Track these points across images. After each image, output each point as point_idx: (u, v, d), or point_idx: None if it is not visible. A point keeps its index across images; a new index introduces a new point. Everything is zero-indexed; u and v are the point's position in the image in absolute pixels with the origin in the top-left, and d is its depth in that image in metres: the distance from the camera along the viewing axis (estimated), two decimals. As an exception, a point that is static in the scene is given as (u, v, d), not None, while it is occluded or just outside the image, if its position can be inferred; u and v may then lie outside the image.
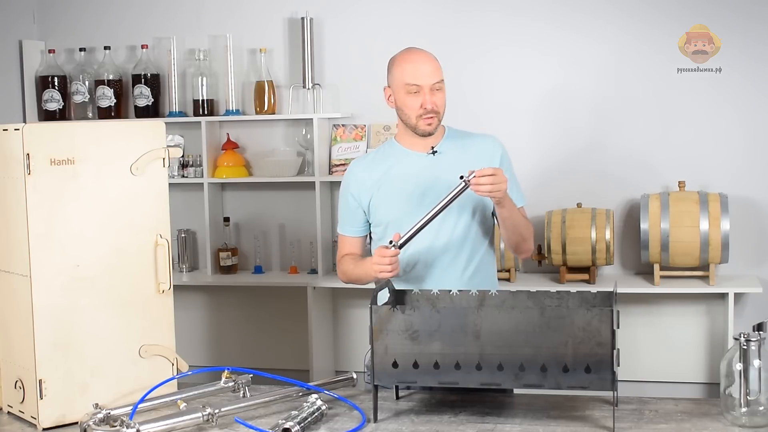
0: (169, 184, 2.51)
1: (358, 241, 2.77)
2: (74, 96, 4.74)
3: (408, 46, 2.76)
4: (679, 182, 4.17)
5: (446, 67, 2.73)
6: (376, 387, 2.23)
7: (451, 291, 2.41)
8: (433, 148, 2.65)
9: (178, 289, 2.73)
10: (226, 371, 2.48)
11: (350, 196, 2.73)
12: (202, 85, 4.62)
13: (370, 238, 2.78)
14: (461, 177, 2.42)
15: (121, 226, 2.38)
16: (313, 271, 4.57)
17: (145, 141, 2.43)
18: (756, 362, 2.13)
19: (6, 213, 2.32)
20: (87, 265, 2.32)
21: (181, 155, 4.54)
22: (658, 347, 4.31)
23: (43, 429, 2.28)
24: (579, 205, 4.27)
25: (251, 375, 2.49)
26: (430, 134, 2.63)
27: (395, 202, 2.65)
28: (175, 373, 2.49)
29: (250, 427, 2.15)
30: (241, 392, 2.43)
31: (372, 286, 2.59)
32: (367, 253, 2.78)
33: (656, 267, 4.10)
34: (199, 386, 2.46)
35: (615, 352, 2.09)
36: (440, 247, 2.62)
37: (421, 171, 2.65)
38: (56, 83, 4.72)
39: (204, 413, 2.21)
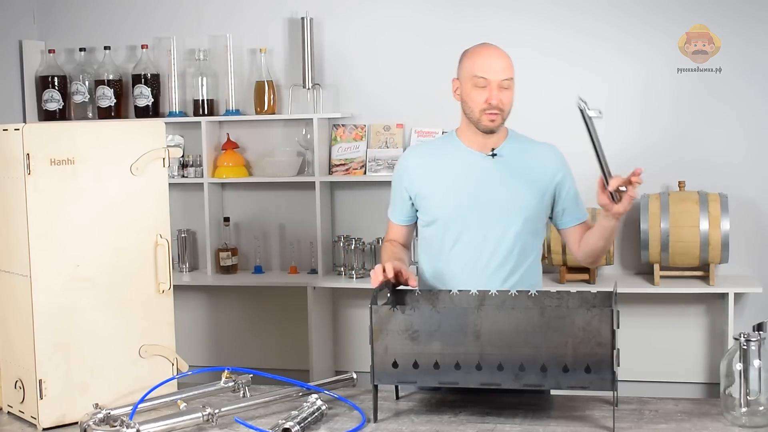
0: (169, 184, 2.51)
1: (403, 230, 2.71)
2: (74, 96, 4.74)
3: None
4: (679, 182, 4.17)
5: (446, 67, 2.74)
6: (375, 387, 2.23)
7: (450, 291, 2.41)
8: (493, 149, 2.58)
9: (178, 289, 2.73)
10: (226, 371, 2.48)
11: (401, 184, 2.66)
12: (202, 85, 4.62)
13: (416, 234, 2.72)
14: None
15: (121, 226, 2.38)
16: (313, 271, 4.57)
17: (145, 141, 2.43)
18: (756, 362, 2.13)
19: (6, 213, 2.32)
20: (87, 265, 2.32)
21: (181, 155, 4.54)
22: (658, 347, 4.31)
23: (43, 429, 2.28)
24: (579, 205, 4.27)
25: (251, 375, 2.49)
26: (492, 131, 2.55)
27: (448, 200, 2.58)
28: (175, 373, 2.49)
29: (250, 427, 2.15)
30: (241, 392, 2.43)
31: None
32: (410, 240, 2.74)
33: (656, 267, 4.10)
34: (199, 386, 2.45)
35: (615, 352, 2.09)
36: (487, 254, 2.56)
37: (479, 172, 2.57)
38: (56, 83, 4.73)
39: (204, 413, 2.20)
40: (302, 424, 2.15)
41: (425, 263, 2.67)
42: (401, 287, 2.43)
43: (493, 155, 2.58)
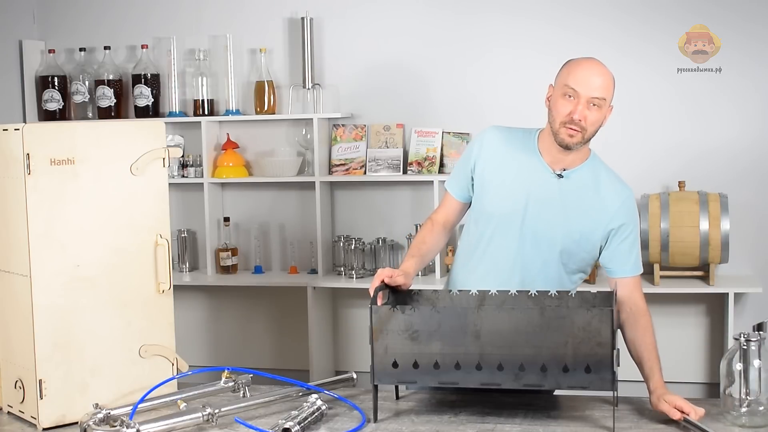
0: (169, 184, 2.51)
1: (455, 206, 2.59)
2: (74, 96, 4.74)
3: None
4: (679, 182, 4.17)
5: (446, 67, 2.73)
6: (376, 387, 2.23)
7: (450, 291, 2.41)
8: (564, 170, 2.46)
9: (178, 289, 2.73)
10: (226, 371, 2.48)
11: (471, 157, 2.54)
12: (202, 85, 4.62)
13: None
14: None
15: (121, 226, 2.38)
16: (313, 271, 4.57)
17: (145, 141, 2.43)
18: (756, 362, 2.13)
19: (6, 213, 2.32)
20: (87, 265, 2.32)
21: (181, 155, 4.54)
22: (658, 347, 4.30)
23: (43, 429, 2.28)
24: (579, 205, 4.27)
25: (251, 375, 2.49)
26: (568, 147, 2.41)
27: (498, 199, 2.49)
28: (175, 373, 2.49)
29: (250, 427, 2.15)
30: (241, 392, 2.43)
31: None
32: (459, 218, 2.63)
33: (656, 267, 4.10)
34: (199, 386, 2.46)
35: (615, 352, 2.10)
36: (512, 271, 2.47)
37: (540, 187, 2.45)
38: (56, 83, 4.73)
39: (204, 413, 2.20)
40: (302, 424, 2.15)
41: (459, 257, 2.62)
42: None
43: (560, 176, 2.46)
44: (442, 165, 4.43)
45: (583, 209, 2.44)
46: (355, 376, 2.57)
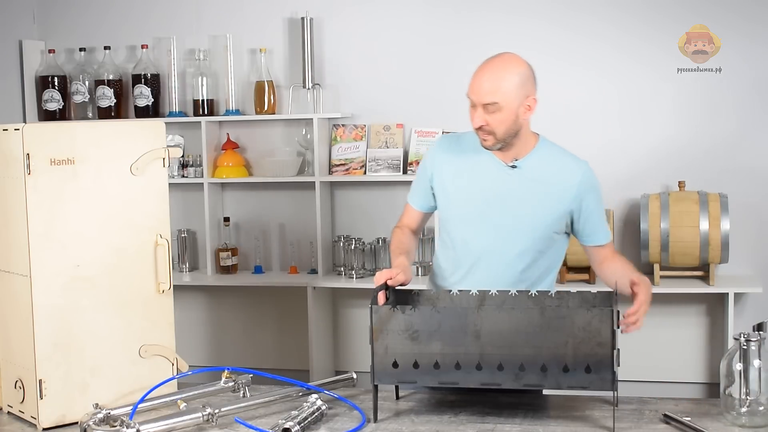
0: (169, 184, 2.51)
1: (418, 216, 2.68)
2: (74, 96, 4.74)
3: (503, 51, 2.61)
4: (679, 182, 4.17)
5: (446, 67, 2.73)
6: (376, 387, 2.23)
7: (451, 291, 2.41)
8: (515, 160, 2.51)
9: (178, 289, 2.73)
10: (226, 371, 2.48)
11: (426, 170, 2.62)
12: (202, 85, 4.62)
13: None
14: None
15: (121, 226, 2.38)
16: (313, 271, 4.57)
17: (145, 141, 2.43)
18: (756, 362, 2.13)
19: (6, 213, 2.32)
20: (87, 265, 2.32)
21: (181, 155, 4.54)
22: (659, 347, 4.31)
23: (43, 429, 2.28)
24: (579, 205, 4.27)
25: (251, 375, 2.49)
26: (488, 149, 2.48)
27: (461, 202, 2.55)
28: (175, 373, 2.49)
29: (250, 427, 2.15)
30: (241, 392, 2.43)
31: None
32: (420, 231, 2.72)
33: (656, 267, 4.10)
34: (199, 386, 2.46)
35: (615, 352, 2.09)
36: (492, 265, 2.54)
37: (495, 182, 2.51)
38: (56, 83, 4.73)
39: (204, 413, 2.20)
40: (302, 424, 2.15)
41: (440, 256, 2.67)
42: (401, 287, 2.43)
43: (514, 167, 2.51)
44: (442, 165, 4.43)
45: (544, 192, 2.49)
46: (355, 376, 2.57)
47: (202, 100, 4.63)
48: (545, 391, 2.40)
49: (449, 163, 2.58)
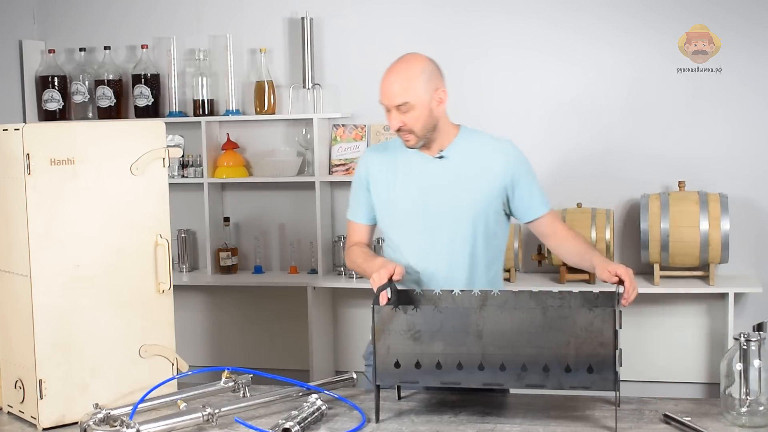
0: (169, 184, 2.51)
1: (365, 230, 2.74)
2: (74, 96, 4.73)
3: (406, 52, 2.70)
4: (679, 182, 4.17)
5: (446, 67, 2.73)
6: (378, 387, 2.23)
7: (453, 291, 2.41)
8: (441, 151, 2.61)
9: (178, 289, 2.73)
10: (226, 371, 2.48)
11: (362, 182, 2.71)
12: (202, 85, 4.62)
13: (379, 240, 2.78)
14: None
15: (121, 226, 2.38)
16: (313, 271, 4.57)
17: (145, 141, 2.43)
18: (756, 362, 2.13)
19: (6, 213, 2.32)
20: (87, 265, 2.32)
21: (181, 155, 4.54)
22: (658, 347, 4.31)
23: (43, 429, 2.27)
24: (579, 205, 4.27)
25: (251, 375, 2.49)
26: (413, 148, 2.59)
27: (397, 203, 2.64)
28: (175, 373, 2.48)
29: (250, 427, 2.15)
30: (241, 392, 2.43)
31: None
32: (371, 240, 2.78)
33: (656, 267, 4.10)
34: (199, 386, 2.45)
35: (617, 352, 2.09)
36: (438, 258, 2.59)
37: (425, 175, 2.60)
38: (56, 83, 4.72)
39: (204, 413, 2.20)
40: (302, 424, 2.15)
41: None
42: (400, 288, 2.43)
43: (441, 157, 2.60)
44: (442, 165, 4.43)
45: (473, 176, 2.57)
46: (355, 376, 2.56)
47: (202, 100, 4.63)
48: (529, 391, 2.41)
49: (380, 167, 2.67)
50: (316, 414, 2.22)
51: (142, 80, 4.64)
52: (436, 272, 2.59)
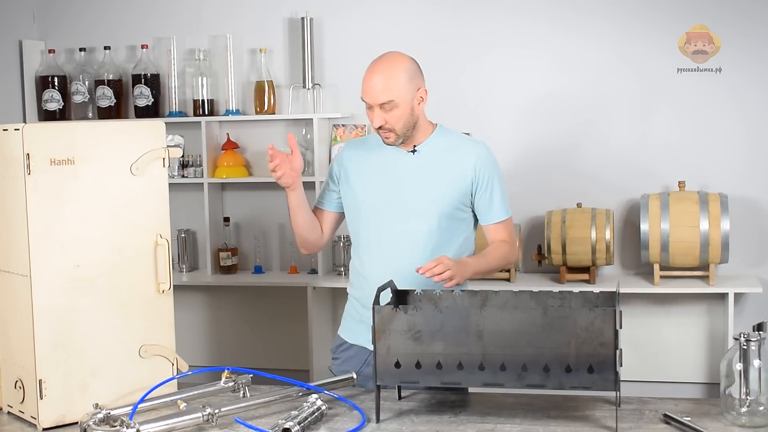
0: (169, 184, 2.51)
1: (330, 217, 2.81)
2: (74, 96, 4.73)
3: (386, 51, 2.76)
4: (679, 182, 4.17)
5: (445, 66, 2.74)
6: (378, 387, 2.23)
7: (453, 291, 2.41)
8: (415, 146, 2.67)
9: (178, 289, 2.73)
10: (226, 371, 2.48)
11: (335, 177, 2.78)
12: (202, 85, 4.62)
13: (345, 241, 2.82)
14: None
15: (121, 226, 2.38)
16: (313, 271, 4.57)
17: (145, 141, 2.43)
18: (756, 362, 2.13)
19: (6, 213, 2.32)
20: (87, 265, 2.32)
21: (181, 155, 4.54)
22: (658, 347, 4.31)
23: (43, 429, 2.27)
24: (579, 205, 4.27)
25: (251, 375, 2.49)
26: (392, 145, 2.65)
27: (368, 194, 2.68)
28: (175, 373, 2.48)
29: (250, 427, 2.15)
30: (241, 392, 2.43)
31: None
32: (330, 230, 2.86)
33: (656, 267, 4.10)
34: (199, 386, 2.45)
35: (618, 352, 2.09)
36: (404, 249, 2.64)
37: (398, 168, 2.67)
38: (56, 83, 4.72)
39: (204, 413, 2.20)
40: (302, 424, 2.15)
41: (354, 258, 2.79)
42: (401, 289, 2.43)
43: (414, 152, 2.67)
44: (442, 165, 4.43)
45: (443, 171, 2.64)
46: (355, 376, 2.56)
47: (202, 100, 4.63)
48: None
49: (355, 161, 2.74)
50: (316, 414, 2.22)
51: (142, 80, 4.64)
52: (403, 264, 2.61)
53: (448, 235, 2.66)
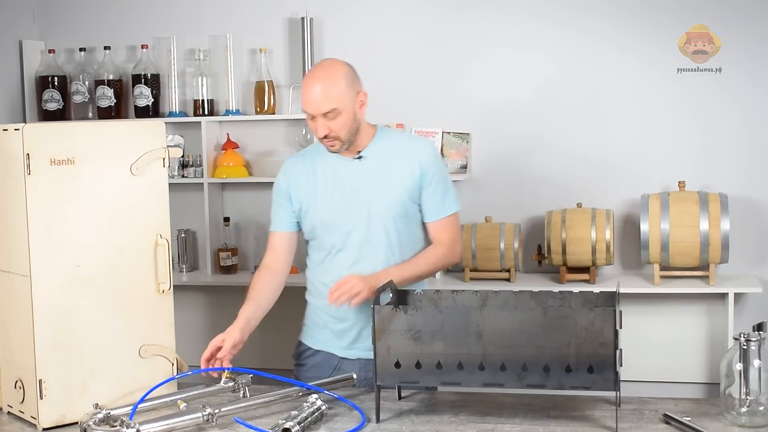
0: (169, 184, 2.51)
1: (287, 237, 2.76)
2: (74, 96, 4.73)
3: (322, 59, 2.76)
4: (679, 182, 4.17)
5: (445, 66, 2.74)
6: (379, 387, 2.23)
7: (454, 291, 2.41)
8: (359, 152, 2.66)
9: (178, 289, 2.73)
10: (226, 371, 2.48)
11: (283, 192, 2.75)
12: (202, 85, 4.62)
13: (306, 244, 2.79)
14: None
15: (121, 226, 2.38)
16: (313, 271, 4.56)
17: (145, 141, 2.43)
18: (756, 362, 2.13)
19: (6, 213, 2.32)
20: (87, 265, 2.32)
21: (181, 155, 4.54)
22: (658, 347, 4.31)
23: (43, 429, 2.27)
24: (579, 205, 4.27)
25: (251, 375, 2.49)
26: (338, 152, 2.63)
27: (322, 207, 2.67)
28: (175, 373, 2.48)
29: (250, 427, 2.15)
30: (241, 392, 2.43)
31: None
32: (291, 253, 2.80)
33: (656, 267, 4.10)
34: (199, 386, 2.45)
35: (618, 352, 2.09)
36: (366, 257, 2.65)
37: (346, 177, 2.66)
38: (56, 83, 4.72)
39: (204, 413, 2.20)
40: (302, 424, 2.15)
41: (314, 268, 2.77)
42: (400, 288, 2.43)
43: (359, 158, 2.66)
44: (442, 165, 4.42)
45: (391, 173, 2.64)
46: (355, 376, 2.56)
47: (202, 100, 4.63)
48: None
49: (300, 174, 2.72)
50: (316, 414, 2.22)
51: (142, 80, 4.64)
52: (366, 270, 2.61)
53: (405, 235, 2.67)
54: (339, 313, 2.67)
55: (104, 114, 4.70)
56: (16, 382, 2.33)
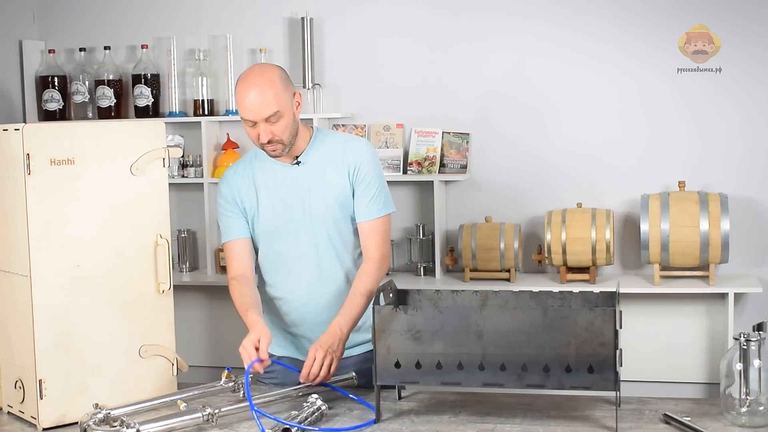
0: (169, 184, 2.51)
1: (245, 244, 2.67)
2: (74, 96, 4.73)
3: (256, 64, 2.70)
4: (679, 182, 4.17)
5: (446, 67, 2.73)
6: (378, 387, 2.23)
7: (454, 291, 2.41)
8: (297, 158, 2.63)
9: (178, 289, 2.73)
10: (226, 371, 2.48)
11: (230, 201, 2.67)
12: (202, 85, 4.62)
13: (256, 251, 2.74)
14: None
15: (122, 226, 2.38)
16: (313, 271, 4.56)
17: (145, 141, 2.43)
18: (756, 362, 2.13)
19: (6, 213, 2.32)
20: (87, 265, 2.32)
21: (181, 155, 4.54)
22: (658, 347, 4.31)
23: (43, 429, 2.27)
24: (579, 205, 4.27)
25: (251, 375, 2.48)
26: (279, 156, 2.60)
27: (265, 214, 2.64)
28: (175, 373, 2.48)
29: (266, 415, 2.15)
30: (241, 392, 2.43)
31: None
32: (254, 259, 2.71)
33: (656, 267, 4.10)
34: (199, 386, 2.45)
35: (618, 352, 2.09)
36: (312, 263, 2.63)
37: (286, 181, 2.63)
38: (56, 83, 4.72)
39: (204, 413, 2.20)
40: (302, 424, 2.15)
41: (265, 277, 2.73)
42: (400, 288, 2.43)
43: (298, 163, 2.63)
44: (442, 165, 4.43)
45: (330, 177, 2.61)
46: (355, 376, 2.56)
47: (202, 100, 4.63)
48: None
49: (242, 183, 2.67)
50: (316, 414, 2.22)
51: (142, 80, 4.64)
52: (314, 275, 2.61)
53: (347, 237, 2.64)
54: (290, 319, 2.68)
55: (104, 114, 4.70)
56: (16, 382, 2.33)
